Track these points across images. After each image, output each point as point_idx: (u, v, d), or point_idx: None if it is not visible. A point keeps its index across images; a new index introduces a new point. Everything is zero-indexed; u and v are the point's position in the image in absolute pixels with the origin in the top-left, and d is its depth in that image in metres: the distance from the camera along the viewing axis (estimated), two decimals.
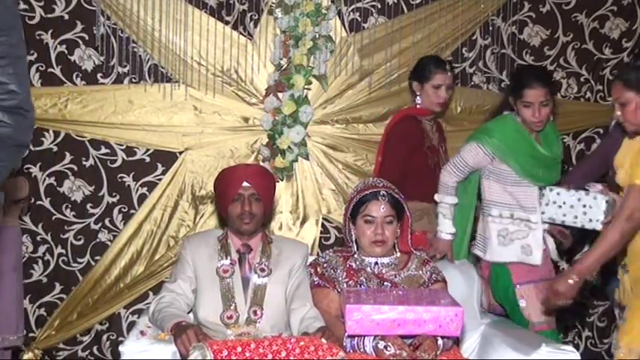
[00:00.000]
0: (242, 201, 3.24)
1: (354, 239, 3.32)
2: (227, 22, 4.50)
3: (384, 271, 3.28)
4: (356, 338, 2.97)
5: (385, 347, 2.89)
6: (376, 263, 3.30)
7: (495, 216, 3.66)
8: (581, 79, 4.73)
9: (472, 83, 4.66)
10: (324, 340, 2.84)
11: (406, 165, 3.92)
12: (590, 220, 3.44)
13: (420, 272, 3.30)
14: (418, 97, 4.02)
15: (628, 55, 4.71)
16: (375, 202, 3.26)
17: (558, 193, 3.54)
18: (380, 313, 2.85)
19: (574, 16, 4.70)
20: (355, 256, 3.32)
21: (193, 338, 2.89)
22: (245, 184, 3.25)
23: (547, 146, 3.69)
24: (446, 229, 3.76)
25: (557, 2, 4.68)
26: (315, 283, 3.28)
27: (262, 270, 3.26)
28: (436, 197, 3.78)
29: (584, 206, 3.45)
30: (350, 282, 3.24)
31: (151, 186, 4.49)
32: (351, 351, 2.97)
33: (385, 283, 3.23)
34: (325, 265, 3.32)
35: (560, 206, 3.53)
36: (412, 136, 3.96)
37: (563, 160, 3.84)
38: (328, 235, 4.61)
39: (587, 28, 4.72)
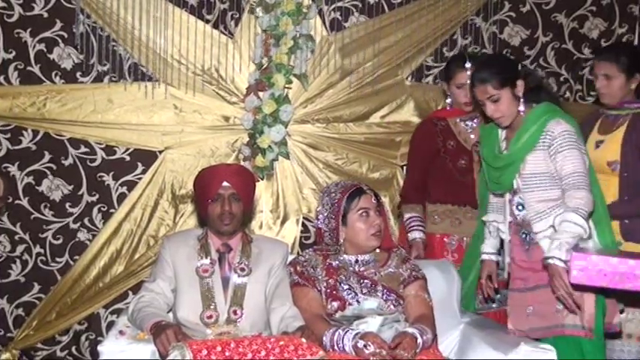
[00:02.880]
0: (222, 201, 3.22)
1: (342, 240, 3.31)
2: (208, 21, 4.50)
3: (363, 269, 3.28)
4: (336, 336, 2.97)
5: (365, 346, 2.89)
6: (357, 261, 3.30)
7: None
8: (561, 79, 4.76)
9: None
10: (303, 340, 2.83)
11: (426, 167, 3.97)
12: None
13: (400, 270, 3.31)
14: (448, 98, 4.03)
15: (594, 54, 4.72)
16: (364, 196, 3.28)
17: None
18: (608, 265, 2.85)
19: (554, 16, 4.73)
20: (335, 254, 3.32)
21: (172, 338, 2.87)
22: (225, 183, 3.23)
23: (512, 145, 3.29)
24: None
25: (537, 2, 4.71)
26: (295, 281, 3.28)
27: (242, 269, 3.24)
28: None
29: None
30: (330, 280, 3.24)
31: (131, 185, 4.47)
32: (331, 350, 2.97)
33: (365, 281, 3.23)
34: (305, 263, 3.32)
35: None
36: (425, 140, 4.00)
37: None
38: (308, 234, 4.61)
39: (567, 28, 4.75)
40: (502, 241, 3.44)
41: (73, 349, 4.49)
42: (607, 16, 4.76)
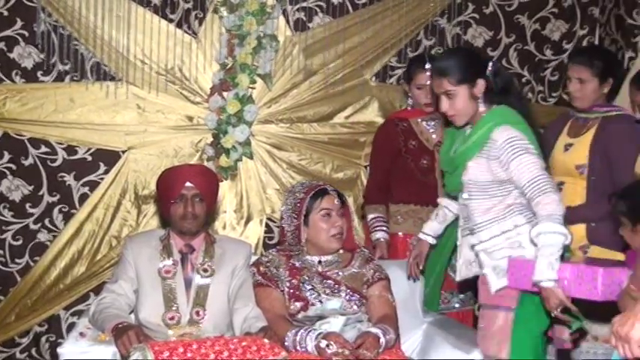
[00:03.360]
0: (185, 201, 3.20)
1: (303, 240, 3.31)
2: (171, 21, 4.47)
3: (327, 269, 3.29)
4: (298, 336, 2.97)
5: (327, 346, 2.89)
6: (320, 262, 3.31)
7: None
8: (523, 80, 4.78)
9: None
10: (266, 340, 2.83)
11: (388, 168, 3.98)
12: None
13: (364, 270, 3.31)
14: (409, 99, 4.04)
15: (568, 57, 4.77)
16: (327, 197, 3.28)
17: None
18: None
19: (516, 18, 4.75)
20: (298, 254, 3.32)
21: (134, 339, 2.85)
22: (188, 184, 3.21)
23: (458, 148, 3.16)
24: None
25: (501, 4, 4.73)
26: (258, 282, 3.27)
27: (205, 270, 3.23)
28: None
29: None
30: (293, 280, 3.24)
31: (93, 185, 4.43)
32: (293, 350, 2.96)
33: (328, 281, 3.24)
34: (268, 264, 3.31)
35: None
36: (387, 140, 4.00)
37: None
38: (272, 235, 4.60)
39: (529, 30, 4.78)
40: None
41: (33, 351, 4.43)
42: (568, 18, 4.79)
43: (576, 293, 2.76)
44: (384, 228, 3.94)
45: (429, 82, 3.32)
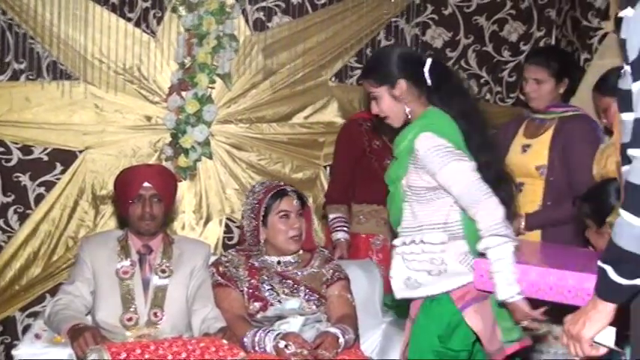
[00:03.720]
0: (143, 202, 3.18)
1: (262, 241, 3.30)
2: (129, 19, 4.42)
3: (286, 270, 3.29)
4: (257, 337, 2.97)
5: (286, 346, 2.89)
6: (279, 262, 3.31)
7: None
8: (482, 81, 4.83)
9: None
10: (224, 341, 2.84)
11: (352, 168, 3.99)
12: None
13: (323, 270, 3.32)
14: None
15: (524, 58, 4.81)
16: (286, 198, 3.29)
17: None
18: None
19: (474, 19, 4.79)
20: (258, 254, 3.31)
21: (91, 341, 2.83)
22: (146, 184, 3.20)
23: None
24: None
25: (459, 5, 4.77)
26: (217, 282, 3.26)
27: (163, 271, 3.21)
28: None
29: None
30: (252, 281, 3.24)
31: (49, 185, 4.37)
32: (252, 350, 2.96)
33: (287, 281, 3.23)
34: (227, 264, 3.30)
35: None
36: (350, 140, 4.02)
37: None
38: (231, 235, 4.58)
39: (487, 31, 4.82)
40: None
41: None
42: (526, 19, 4.84)
43: (545, 297, 2.70)
44: (345, 228, 3.96)
45: None
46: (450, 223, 2.74)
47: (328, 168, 4.58)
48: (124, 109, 4.43)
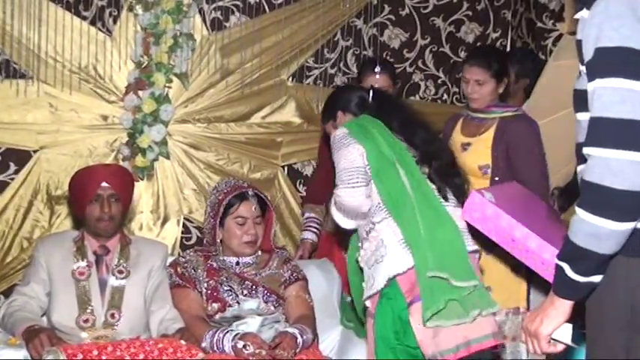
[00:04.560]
0: (101, 202, 3.15)
1: (219, 241, 3.30)
2: (85, 18, 4.38)
3: (244, 270, 3.28)
4: (215, 337, 2.96)
5: (244, 346, 2.89)
6: (237, 263, 3.30)
7: None
8: (439, 82, 4.88)
9: (334, 84, 4.70)
10: (183, 342, 2.83)
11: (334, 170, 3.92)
12: None
13: (281, 271, 3.32)
14: None
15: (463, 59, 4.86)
16: (245, 203, 3.27)
17: None
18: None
19: (432, 20, 4.84)
20: (216, 255, 3.30)
21: (46, 342, 2.80)
22: (104, 184, 3.15)
23: None
24: None
25: (416, 6, 4.81)
26: (176, 283, 3.24)
27: (120, 272, 3.18)
28: None
29: None
30: (210, 281, 3.23)
31: (3, 186, 4.32)
32: (211, 351, 2.95)
33: (246, 282, 3.23)
34: (186, 264, 3.29)
35: None
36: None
37: None
38: (190, 235, 4.57)
39: (444, 32, 4.87)
40: None
41: None
42: (482, 21, 4.90)
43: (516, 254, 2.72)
44: (314, 229, 3.96)
45: (377, 85, 3.49)
46: (376, 205, 2.78)
47: (287, 168, 4.59)
48: (79, 108, 4.39)
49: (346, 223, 2.84)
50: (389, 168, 2.79)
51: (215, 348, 2.95)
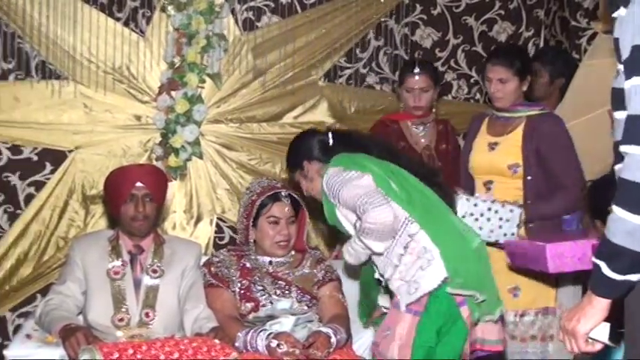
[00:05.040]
0: (135, 202, 3.17)
1: (252, 241, 3.31)
2: (118, 19, 4.42)
3: (278, 270, 3.29)
4: (249, 336, 2.97)
5: (278, 345, 2.90)
6: (270, 262, 3.31)
7: None
8: (471, 81, 4.84)
9: (366, 84, 4.70)
10: (217, 341, 2.83)
11: None
12: (505, 235, 3.36)
13: (314, 271, 3.33)
14: (402, 102, 4.02)
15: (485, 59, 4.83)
16: (278, 204, 3.28)
17: (475, 204, 3.37)
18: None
19: (464, 19, 4.81)
20: (249, 255, 3.31)
21: (83, 341, 2.82)
22: (138, 184, 3.18)
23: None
24: None
25: (448, 5, 4.78)
26: (209, 282, 3.26)
27: (154, 271, 3.20)
28: None
29: (501, 219, 3.36)
30: (244, 281, 3.24)
31: (39, 185, 4.36)
32: (244, 350, 2.96)
33: (279, 282, 3.24)
34: (219, 264, 3.30)
35: (476, 219, 3.36)
36: None
37: None
38: (222, 235, 4.58)
39: (477, 31, 4.83)
40: None
41: None
42: (514, 20, 4.86)
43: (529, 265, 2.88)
44: None
45: (417, 87, 3.74)
46: (404, 220, 2.85)
47: None
48: (113, 108, 4.43)
49: (380, 247, 2.84)
50: (400, 183, 2.92)
51: (249, 347, 2.96)
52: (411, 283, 2.77)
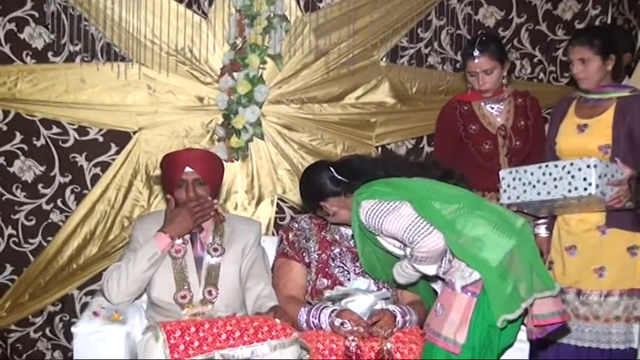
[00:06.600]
0: (186, 187, 3.17)
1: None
2: (181, 1, 4.46)
3: None
4: (311, 315, 2.98)
5: (342, 324, 2.89)
6: (353, 236, 3.14)
7: None
8: (535, 60, 4.76)
9: (427, 64, 4.66)
10: (278, 320, 2.83)
11: (452, 149, 3.89)
12: (585, 189, 3.20)
13: None
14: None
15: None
16: None
17: (517, 172, 3.38)
18: None
19: None
20: (331, 227, 3.29)
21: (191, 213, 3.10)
22: (187, 169, 3.17)
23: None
24: None
25: None
26: (284, 251, 3.27)
27: (215, 249, 3.22)
28: None
29: (569, 173, 3.24)
30: (322, 255, 3.23)
31: (105, 166, 4.44)
32: (306, 327, 2.98)
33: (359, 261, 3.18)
34: (299, 232, 3.30)
35: (534, 185, 3.34)
36: (446, 123, 3.96)
37: None
38: (283, 215, 4.60)
39: (541, 10, 4.75)
40: None
41: (47, 330, 4.47)
42: None
43: None
44: None
45: (478, 70, 3.70)
46: None
47: (380, 148, 4.58)
48: (176, 90, 4.48)
49: (433, 269, 2.86)
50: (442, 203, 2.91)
51: (311, 325, 2.97)
52: (465, 270, 2.78)
